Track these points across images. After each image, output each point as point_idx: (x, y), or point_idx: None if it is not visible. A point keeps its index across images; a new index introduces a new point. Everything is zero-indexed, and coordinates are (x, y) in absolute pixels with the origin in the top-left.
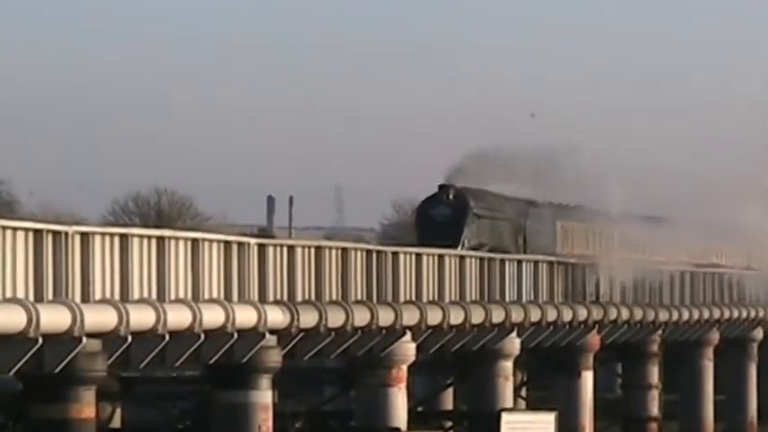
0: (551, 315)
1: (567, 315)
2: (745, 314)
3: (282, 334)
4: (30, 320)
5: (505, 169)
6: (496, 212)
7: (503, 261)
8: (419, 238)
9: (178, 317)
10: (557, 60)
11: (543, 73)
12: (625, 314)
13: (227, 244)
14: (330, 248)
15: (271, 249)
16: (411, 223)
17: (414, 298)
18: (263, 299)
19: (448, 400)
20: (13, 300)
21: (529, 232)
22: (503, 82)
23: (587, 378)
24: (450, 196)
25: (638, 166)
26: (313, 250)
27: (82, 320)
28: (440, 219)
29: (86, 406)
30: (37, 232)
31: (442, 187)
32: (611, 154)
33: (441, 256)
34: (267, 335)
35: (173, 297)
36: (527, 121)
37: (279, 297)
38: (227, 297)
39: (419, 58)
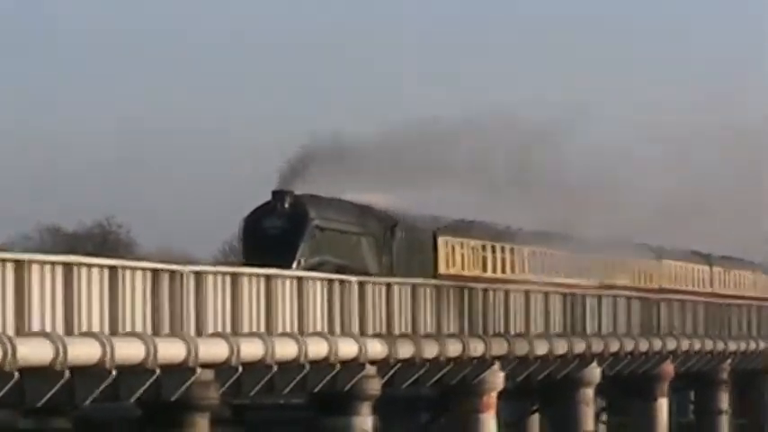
0: (629, 346)
1: (644, 346)
2: None
3: (381, 364)
4: (148, 353)
5: (354, 171)
6: (349, 225)
7: (584, 296)
8: (245, 254)
9: (285, 349)
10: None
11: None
12: (697, 345)
13: (330, 282)
14: (425, 286)
15: (370, 287)
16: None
17: (502, 331)
18: (363, 332)
19: (534, 425)
20: (134, 334)
21: (397, 250)
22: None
23: (662, 404)
24: (286, 205)
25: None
26: (409, 288)
27: (196, 352)
28: (271, 232)
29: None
30: (155, 272)
31: (276, 194)
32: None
33: (527, 293)
34: (367, 365)
35: (280, 330)
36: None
37: (378, 330)
38: (331, 330)
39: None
